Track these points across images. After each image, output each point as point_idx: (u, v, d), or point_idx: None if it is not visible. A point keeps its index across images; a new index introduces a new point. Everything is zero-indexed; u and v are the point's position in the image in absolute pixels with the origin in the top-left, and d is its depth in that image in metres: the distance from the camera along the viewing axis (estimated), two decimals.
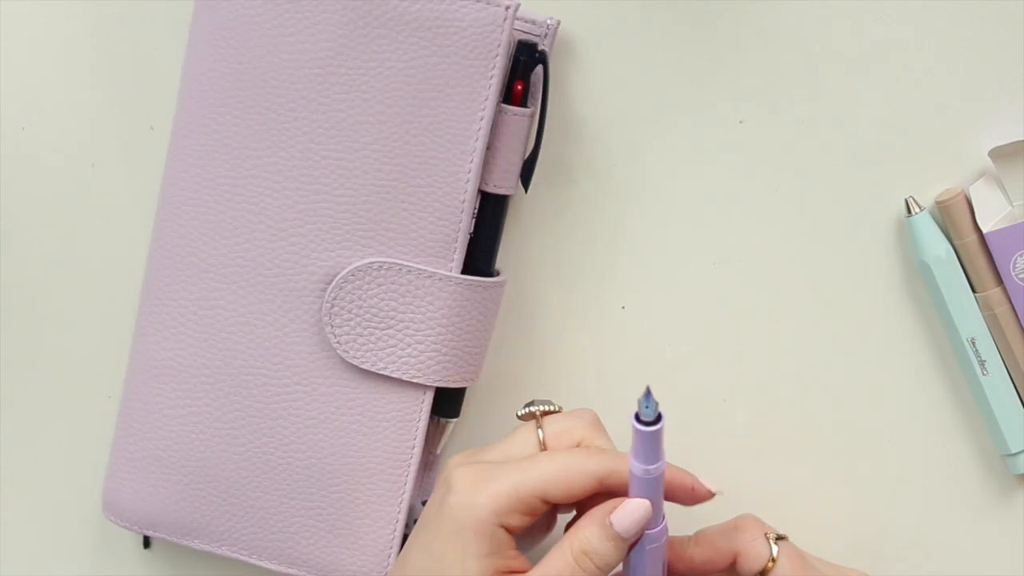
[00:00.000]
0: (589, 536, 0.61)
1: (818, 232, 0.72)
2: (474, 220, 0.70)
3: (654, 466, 0.59)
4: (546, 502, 0.63)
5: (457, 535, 0.62)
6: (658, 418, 0.58)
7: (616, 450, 0.65)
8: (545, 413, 0.67)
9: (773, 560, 0.65)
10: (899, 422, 0.73)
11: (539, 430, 0.66)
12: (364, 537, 0.70)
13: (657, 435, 0.58)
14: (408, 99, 0.67)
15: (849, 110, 0.71)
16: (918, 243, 0.71)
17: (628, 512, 0.61)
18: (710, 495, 0.64)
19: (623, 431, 0.73)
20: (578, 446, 0.65)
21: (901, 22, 0.71)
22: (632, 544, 0.62)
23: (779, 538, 0.66)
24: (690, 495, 0.63)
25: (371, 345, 0.69)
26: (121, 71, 0.72)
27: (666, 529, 0.63)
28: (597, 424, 0.66)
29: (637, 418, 0.58)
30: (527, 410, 0.67)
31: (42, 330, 0.74)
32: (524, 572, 0.62)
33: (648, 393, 0.57)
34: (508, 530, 0.63)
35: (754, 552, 0.65)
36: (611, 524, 0.61)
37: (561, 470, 0.62)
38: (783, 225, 0.72)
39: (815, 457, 0.74)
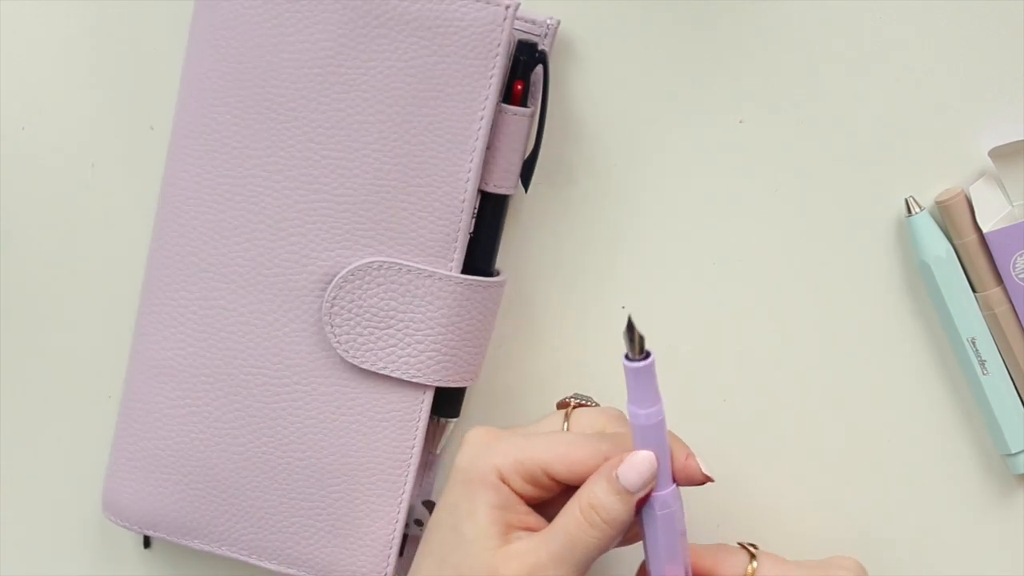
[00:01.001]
0: (596, 490, 0.61)
1: (818, 232, 0.72)
2: (474, 220, 0.70)
3: (648, 411, 0.59)
4: (551, 477, 0.63)
5: (466, 486, 0.63)
6: (646, 354, 0.57)
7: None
8: (579, 405, 0.67)
9: (752, 566, 0.65)
10: (899, 422, 0.73)
11: (566, 422, 0.66)
12: (364, 537, 0.70)
13: (647, 372, 0.58)
14: (408, 99, 0.67)
15: (849, 110, 0.72)
16: (918, 243, 0.71)
17: (632, 464, 0.61)
18: (702, 475, 0.63)
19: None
20: None
21: (901, 22, 0.71)
22: (640, 502, 0.62)
23: (752, 546, 0.66)
24: (683, 468, 0.63)
25: (371, 345, 0.69)
26: (121, 71, 0.72)
27: (678, 497, 0.62)
28: (622, 419, 0.66)
29: (627, 356, 0.58)
30: (563, 399, 0.68)
31: (42, 330, 0.74)
32: (537, 529, 0.63)
33: (630, 325, 0.57)
34: (515, 491, 0.63)
35: (733, 558, 0.65)
36: (617, 477, 0.61)
37: (566, 444, 0.63)
38: (783, 225, 0.72)
39: (815, 457, 0.74)
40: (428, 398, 0.70)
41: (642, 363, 0.58)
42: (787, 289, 0.73)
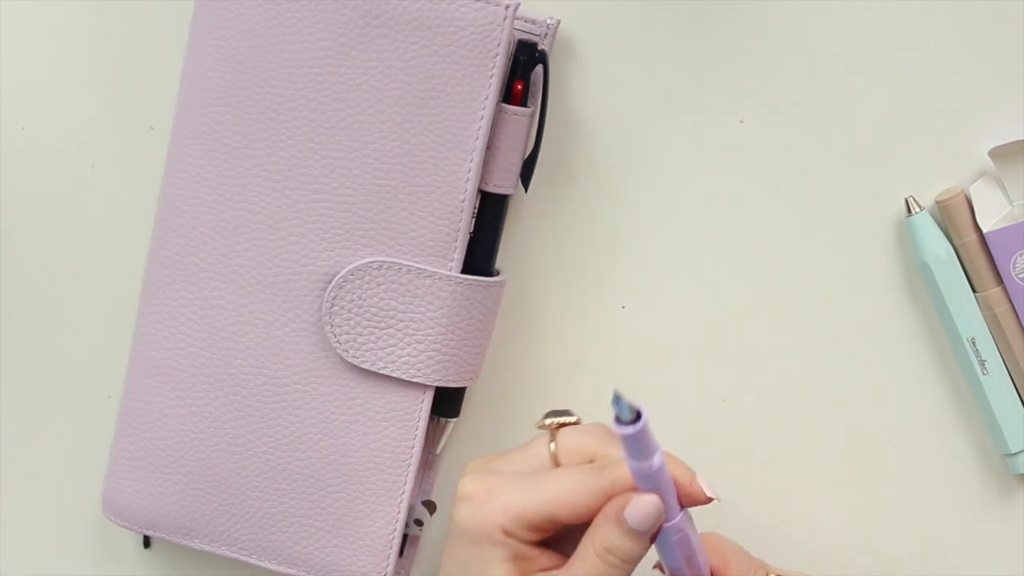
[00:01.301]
0: (608, 534, 0.61)
1: (818, 232, 0.72)
2: (474, 220, 0.70)
3: (647, 462, 0.59)
4: (556, 522, 0.62)
5: (474, 545, 0.63)
6: (637, 417, 0.57)
7: None
8: (561, 425, 0.66)
9: None
10: (899, 422, 0.73)
11: (552, 443, 0.65)
12: (364, 537, 0.70)
13: (640, 434, 0.58)
14: (408, 99, 0.67)
15: (849, 110, 0.72)
16: (918, 243, 0.71)
17: (639, 508, 0.60)
18: (706, 498, 0.63)
19: None
20: (590, 462, 0.64)
21: (901, 22, 0.71)
22: (653, 536, 0.61)
23: None
24: (688, 493, 0.63)
25: (371, 345, 0.69)
26: (121, 71, 0.72)
27: (689, 521, 0.62)
28: (609, 436, 0.65)
29: (617, 420, 0.57)
30: (543, 421, 0.66)
31: (42, 330, 0.74)
32: (556, 567, 0.62)
33: (617, 398, 0.56)
34: (522, 541, 0.63)
35: None
36: (626, 520, 0.61)
37: (566, 492, 0.62)
38: (783, 225, 0.72)
39: (815, 457, 0.74)
40: (428, 398, 0.70)
41: (635, 427, 0.57)
42: (787, 289, 0.73)
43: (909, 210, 0.71)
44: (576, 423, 0.66)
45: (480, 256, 0.70)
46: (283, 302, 0.69)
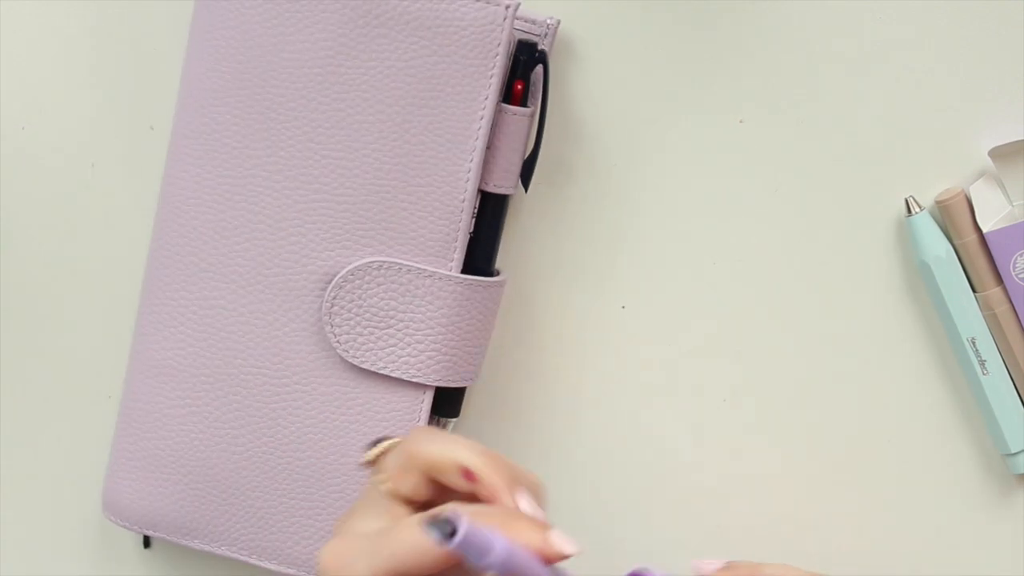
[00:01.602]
0: None
1: (818, 232, 0.72)
2: (474, 220, 0.70)
3: (488, 561, 0.56)
4: None
5: None
6: (453, 532, 0.54)
7: (454, 448, 0.60)
8: (382, 453, 0.61)
9: None
10: (899, 422, 0.73)
11: (383, 476, 0.61)
12: None
13: (466, 541, 0.55)
14: (408, 99, 0.67)
15: (849, 110, 0.72)
16: (918, 243, 0.71)
17: None
18: (560, 556, 0.58)
19: (622, 430, 0.74)
20: (432, 475, 0.60)
21: (901, 22, 0.71)
22: None
23: None
24: (544, 555, 0.58)
25: (371, 345, 0.69)
26: (121, 71, 0.72)
27: None
28: (426, 434, 0.61)
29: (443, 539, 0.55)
30: (364, 457, 0.62)
31: (42, 330, 0.74)
32: None
33: (429, 524, 0.55)
34: None
35: None
36: None
37: (408, 554, 0.58)
38: (783, 225, 0.72)
39: (815, 457, 0.74)
40: (428, 398, 0.70)
41: (456, 539, 0.55)
42: (787, 289, 0.73)
43: (909, 210, 0.71)
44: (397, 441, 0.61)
45: (480, 256, 0.70)
46: (283, 302, 0.69)
